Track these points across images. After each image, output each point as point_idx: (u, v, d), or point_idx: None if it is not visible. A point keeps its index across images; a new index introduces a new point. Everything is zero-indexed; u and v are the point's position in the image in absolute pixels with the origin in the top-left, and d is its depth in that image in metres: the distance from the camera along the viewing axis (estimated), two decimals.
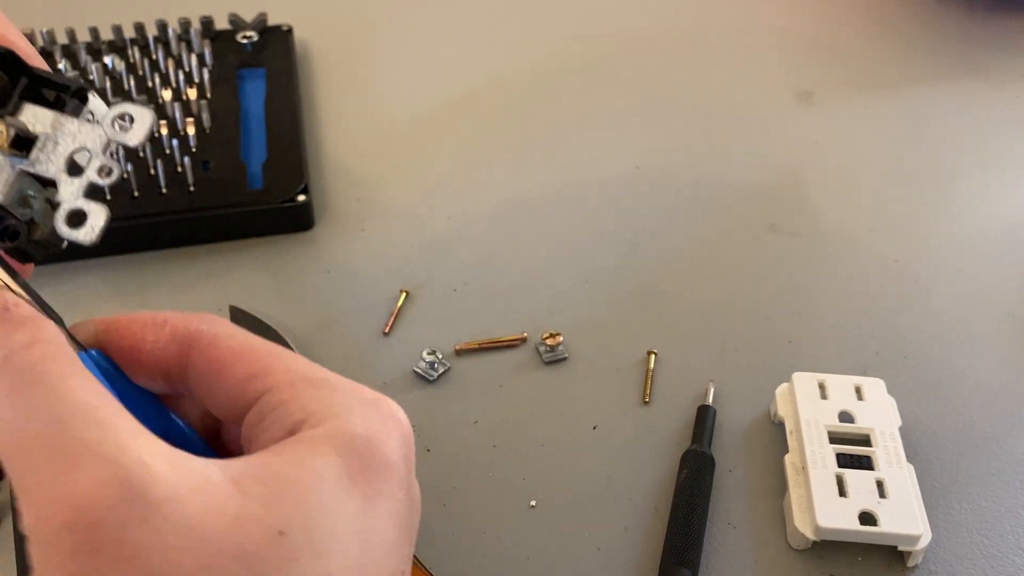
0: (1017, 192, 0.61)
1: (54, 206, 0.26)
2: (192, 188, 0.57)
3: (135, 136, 0.27)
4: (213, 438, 0.30)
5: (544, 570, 0.42)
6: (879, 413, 0.46)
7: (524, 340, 0.51)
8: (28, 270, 0.28)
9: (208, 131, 0.61)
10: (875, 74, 0.70)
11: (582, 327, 0.52)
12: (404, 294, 0.53)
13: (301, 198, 0.57)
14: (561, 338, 0.50)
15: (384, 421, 0.25)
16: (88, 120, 0.27)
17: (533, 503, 0.44)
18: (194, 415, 0.29)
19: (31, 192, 0.26)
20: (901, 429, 0.45)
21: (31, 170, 0.26)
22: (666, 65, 0.71)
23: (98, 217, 0.26)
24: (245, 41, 0.68)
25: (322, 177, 0.62)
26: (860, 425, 0.45)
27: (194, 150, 0.59)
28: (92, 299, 0.53)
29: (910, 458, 0.44)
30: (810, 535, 0.41)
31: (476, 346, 0.51)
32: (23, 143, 0.26)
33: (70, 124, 0.27)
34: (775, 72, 0.70)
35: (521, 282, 0.55)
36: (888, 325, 0.53)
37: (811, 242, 0.58)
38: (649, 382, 0.49)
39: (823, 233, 0.58)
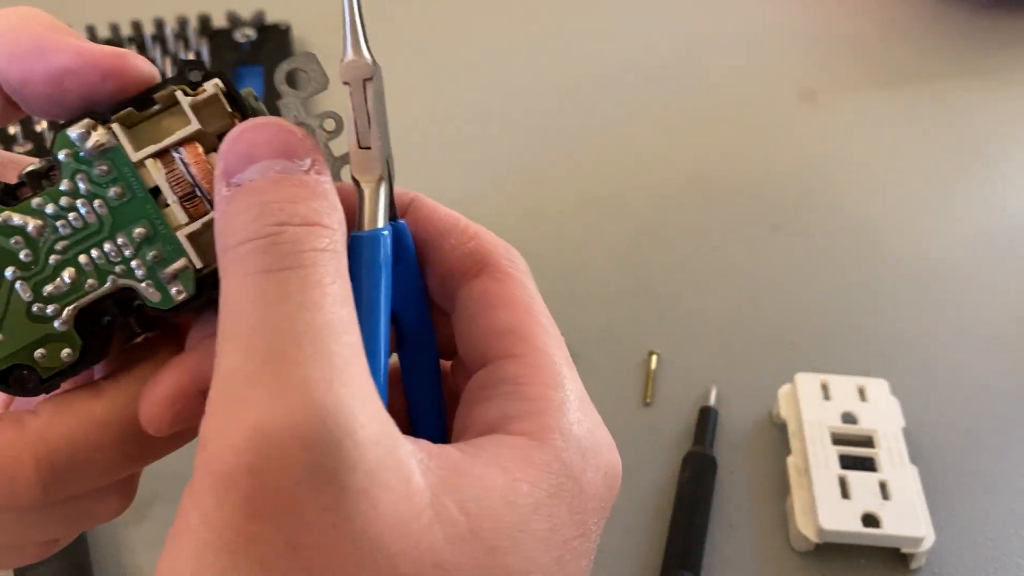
0: (1022, 192, 0.61)
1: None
2: None
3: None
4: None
5: None
6: (882, 414, 0.45)
7: None
8: None
9: None
10: (879, 73, 0.70)
11: (583, 327, 0.52)
12: None
13: None
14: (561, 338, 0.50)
15: (603, 461, 0.23)
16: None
17: None
18: None
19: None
20: (904, 430, 0.45)
21: None
22: (668, 64, 0.71)
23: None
24: (243, 40, 0.68)
25: None
26: (863, 426, 0.45)
27: None
28: None
29: (913, 459, 0.44)
30: (813, 537, 0.41)
31: None
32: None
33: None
34: (778, 71, 0.70)
35: None
36: (892, 325, 0.52)
37: (814, 242, 0.57)
38: (650, 383, 0.49)
39: (826, 233, 0.58)
